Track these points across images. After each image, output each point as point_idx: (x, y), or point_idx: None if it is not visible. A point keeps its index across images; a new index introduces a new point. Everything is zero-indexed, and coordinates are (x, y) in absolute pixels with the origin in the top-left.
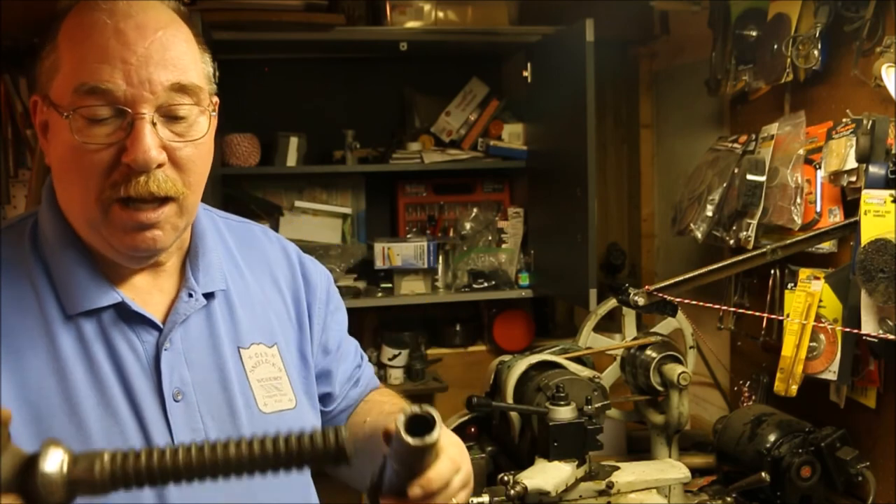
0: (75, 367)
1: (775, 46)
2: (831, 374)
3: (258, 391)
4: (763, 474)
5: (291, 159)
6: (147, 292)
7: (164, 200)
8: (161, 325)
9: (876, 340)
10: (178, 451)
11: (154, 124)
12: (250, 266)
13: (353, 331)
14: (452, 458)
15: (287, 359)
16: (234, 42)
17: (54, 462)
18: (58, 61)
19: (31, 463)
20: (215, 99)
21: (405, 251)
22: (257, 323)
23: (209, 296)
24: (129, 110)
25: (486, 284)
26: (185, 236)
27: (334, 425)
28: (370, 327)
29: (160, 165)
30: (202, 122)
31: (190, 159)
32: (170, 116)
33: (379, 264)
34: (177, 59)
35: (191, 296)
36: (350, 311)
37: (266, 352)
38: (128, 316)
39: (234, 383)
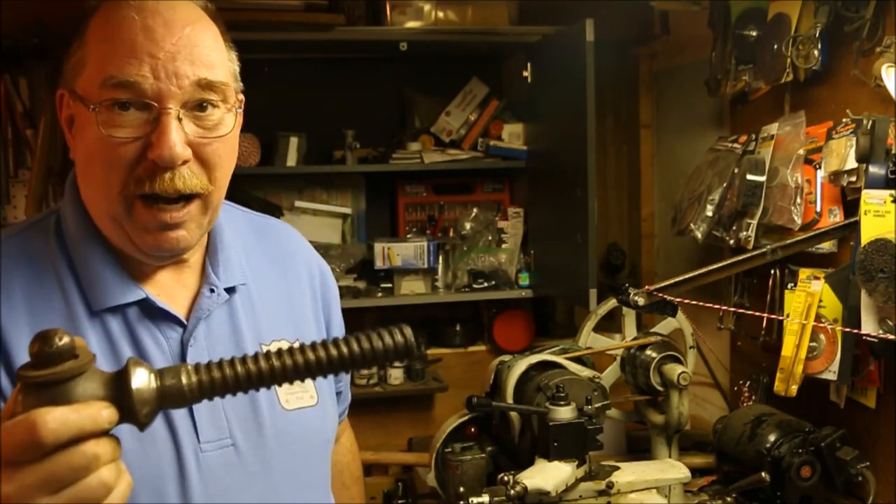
0: (102, 364)
1: (775, 46)
2: (831, 374)
3: (280, 389)
4: (763, 474)
5: (291, 159)
6: (170, 288)
7: (190, 197)
8: (185, 321)
9: (876, 340)
10: (258, 358)
11: (180, 120)
12: (272, 260)
13: (353, 331)
14: None
15: None
16: (234, 42)
17: (142, 377)
18: (85, 56)
19: (119, 380)
20: (241, 97)
21: (405, 251)
22: (279, 318)
23: (230, 290)
24: (156, 104)
25: (486, 284)
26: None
27: (398, 325)
28: (370, 327)
29: (185, 162)
30: (228, 119)
31: (216, 154)
32: (196, 112)
33: (379, 264)
34: (204, 55)
35: (213, 291)
36: (350, 311)
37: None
38: (152, 312)
39: None
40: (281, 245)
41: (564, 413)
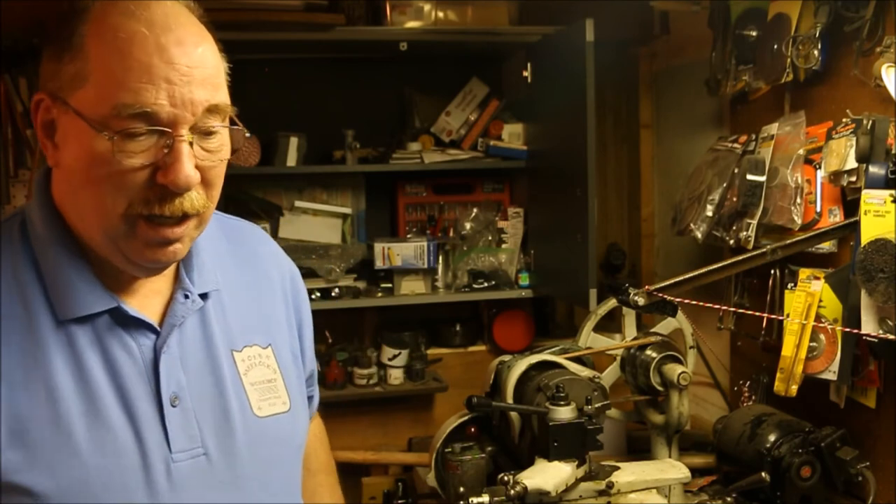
0: (63, 376)
1: (775, 46)
2: (831, 374)
3: (252, 395)
4: (763, 474)
5: (291, 159)
6: (143, 294)
7: (189, 215)
8: (158, 328)
9: (876, 340)
10: None
11: (191, 144)
12: (242, 264)
13: (353, 331)
14: None
15: (281, 360)
16: (234, 42)
17: None
18: (86, 69)
19: None
20: None
21: (405, 251)
22: (251, 323)
23: (203, 296)
24: (170, 130)
25: (486, 284)
26: None
27: None
28: (370, 327)
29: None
30: (226, 139)
31: (218, 176)
32: (202, 135)
33: (379, 264)
34: (213, 77)
35: (187, 297)
36: (350, 311)
37: (261, 353)
38: (124, 320)
39: (229, 387)
40: (251, 248)
41: (564, 413)
